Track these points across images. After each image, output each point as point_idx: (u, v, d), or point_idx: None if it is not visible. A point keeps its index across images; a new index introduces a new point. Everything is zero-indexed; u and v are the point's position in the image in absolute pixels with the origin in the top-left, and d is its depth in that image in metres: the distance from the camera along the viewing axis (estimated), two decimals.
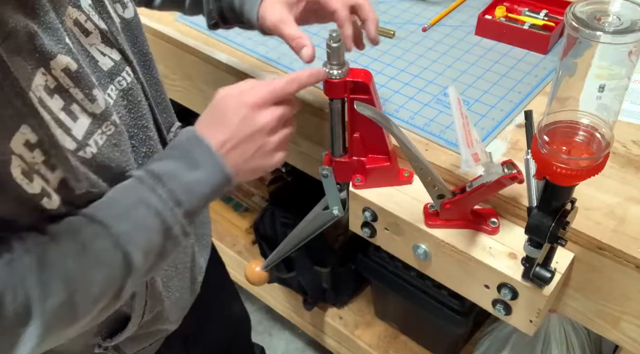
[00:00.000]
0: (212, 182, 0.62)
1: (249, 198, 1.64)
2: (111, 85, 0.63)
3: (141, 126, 0.68)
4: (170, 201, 0.59)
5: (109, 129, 0.60)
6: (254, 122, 0.65)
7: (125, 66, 0.65)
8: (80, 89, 0.56)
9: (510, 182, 0.67)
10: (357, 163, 0.79)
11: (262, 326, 1.77)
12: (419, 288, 1.24)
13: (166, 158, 0.62)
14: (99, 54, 0.62)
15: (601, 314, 0.74)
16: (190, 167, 0.61)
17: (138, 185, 0.60)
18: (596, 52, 0.50)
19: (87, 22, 0.60)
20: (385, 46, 1.01)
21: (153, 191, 0.59)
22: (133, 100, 0.66)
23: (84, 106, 0.57)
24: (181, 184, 0.60)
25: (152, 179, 0.60)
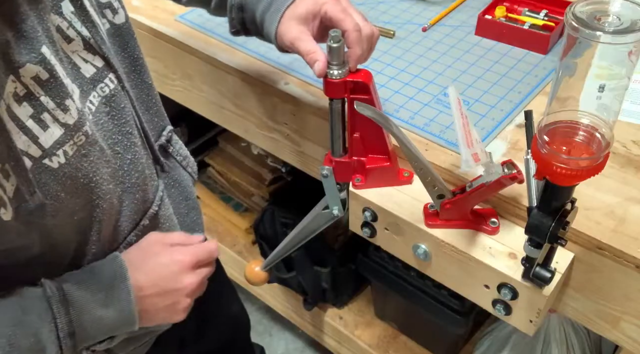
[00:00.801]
0: (117, 322, 0.65)
1: (249, 198, 1.64)
2: (93, 91, 0.63)
3: (125, 132, 0.68)
4: (62, 331, 0.60)
5: (80, 140, 0.60)
6: (179, 281, 0.69)
7: (108, 73, 0.65)
8: (51, 98, 0.56)
9: (510, 182, 0.67)
10: (357, 163, 0.79)
11: (262, 326, 1.77)
12: (419, 288, 1.24)
13: (85, 284, 0.63)
14: (81, 60, 0.62)
15: (601, 314, 0.74)
16: (103, 304, 0.63)
17: (44, 304, 0.60)
18: (596, 52, 0.50)
19: (69, 29, 0.60)
20: (385, 46, 1.01)
21: (53, 318, 0.60)
22: (116, 106, 0.66)
23: (56, 116, 0.57)
24: (85, 318, 0.62)
25: (59, 303, 0.61)
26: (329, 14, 0.70)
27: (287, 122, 0.97)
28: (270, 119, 1.00)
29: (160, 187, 0.77)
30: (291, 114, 0.95)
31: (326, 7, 0.70)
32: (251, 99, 1.00)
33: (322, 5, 0.71)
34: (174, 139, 0.82)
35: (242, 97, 1.02)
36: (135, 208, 0.71)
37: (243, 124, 1.06)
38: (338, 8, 0.70)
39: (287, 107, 0.95)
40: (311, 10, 0.71)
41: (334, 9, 0.70)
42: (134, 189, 0.70)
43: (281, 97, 0.94)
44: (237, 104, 1.04)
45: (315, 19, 0.72)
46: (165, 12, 1.12)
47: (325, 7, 0.70)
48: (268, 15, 0.74)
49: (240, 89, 1.01)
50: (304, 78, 0.95)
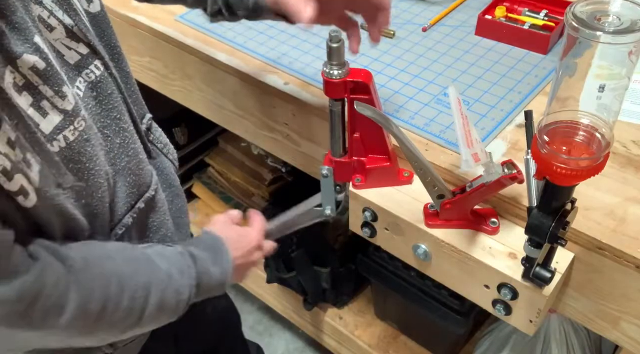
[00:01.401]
0: (219, 279, 0.76)
1: (249, 198, 1.64)
2: (79, 77, 0.65)
3: (113, 117, 0.69)
4: (194, 280, 0.72)
5: (80, 125, 0.62)
6: (254, 255, 0.85)
7: (94, 59, 0.66)
8: (49, 87, 0.58)
9: (510, 182, 0.67)
10: (357, 163, 0.79)
11: (262, 326, 1.77)
12: (419, 288, 1.24)
13: (201, 247, 0.76)
14: (64, 48, 0.63)
15: (601, 314, 0.74)
16: (213, 262, 0.75)
17: (185, 257, 0.72)
18: (596, 52, 0.50)
19: (50, 17, 0.61)
20: (385, 46, 1.01)
21: (189, 267, 0.72)
22: (103, 92, 0.68)
23: (55, 103, 0.58)
24: (205, 270, 0.74)
25: (191, 258, 0.73)
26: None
27: (287, 122, 0.97)
28: (270, 119, 1.00)
29: (154, 172, 0.79)
30: (291, 114, 0.95)
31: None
32: (251, 99, 1.00)
33: None
34: (154, 126, 0.84)
35: (242, 97, 1.02)
36: (128, 191, 0.73)
37: (243, 124, 1.06)
38: None
39: (287, 107, 0.95)
40: None
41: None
42: (125, 172, 0.72)
43: (281, 97, 0.94)
44: (237, 104, 1.04)
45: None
46: (165, 12, 1.12)
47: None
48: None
49: (240, 89, 1.01)
50: (304, 78, 0.95)
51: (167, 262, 0.70)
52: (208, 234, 0.80)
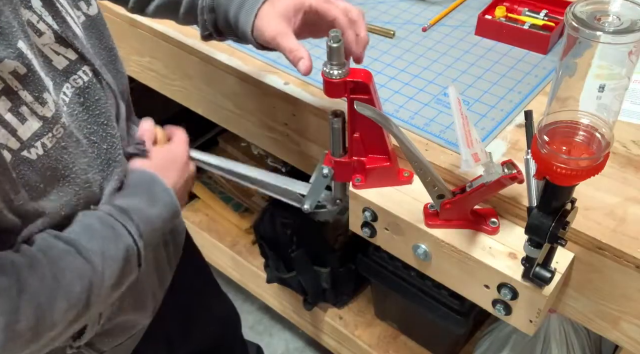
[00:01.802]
0: (167, 216, 0.72)
1: (249, 198, 1.65)
2: (66, 83, 0.65)
3: (100, 123, 0.69)
4: (136, 235, 0.67)
5: (59, 132, 0.61)
6: (189, 167, 0.83)
7: (82, 65, 0.66)
8: (29, 92, 0.57)
9: (510, 182, 0.67)
10: (357, 163, 0.79)
11: (262, 326, 1.77)
12: (419, 288, 1.24)
13: (129, 195, 0.70)
14: (52, 53, 0.63)
15: (601, 314, 0.74)
16: (150, 204, 0.70)
17: (111, 219, 0.66)
18: (596, 52, 0.50)
19: (40, 22, 0.61)
20: (385, 46, 1.01)
21: (123, 226, 0.66)
22: (90, 98, 0.67)
23: (34, 109, 0.58)
24: (144, 218, 0.69)
25: (122, 214, 0.67)
26: (314, 7, 0.69)
27: (287, 122, 0.97)
28: (270, 119, 1.00)
29: None
30: (291, 114, 0.95)
31: (310, 1, 0.69)
32: (251, 99, 1.00)
33: (303, 3, 0.70)
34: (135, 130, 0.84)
35: (242, 97, 1.02)
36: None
37: (243, 124, 1.06)
38: (319, 1, 0.69)
39: (287, 107, 0.95)
40: (293, 6, 0.70)
41: (318, 1, 0.69)
42: (112, 178, 0.71)
43: (281, 97, 0.94)
44: (237, 104, 1.04)
45: (298, 14, 0.71)
46: None
47: (309, 1, 0.69)
48: (243, 12, 0.72)
49: (240, 89, 1.01)
50: (304, 78, 0.95)
51: (98, 240, 0.64)
52: (136, 174, 0.74)
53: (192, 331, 1.05)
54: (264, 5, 0.70)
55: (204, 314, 1.08)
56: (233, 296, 1.83)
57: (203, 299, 1.10)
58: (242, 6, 0.72)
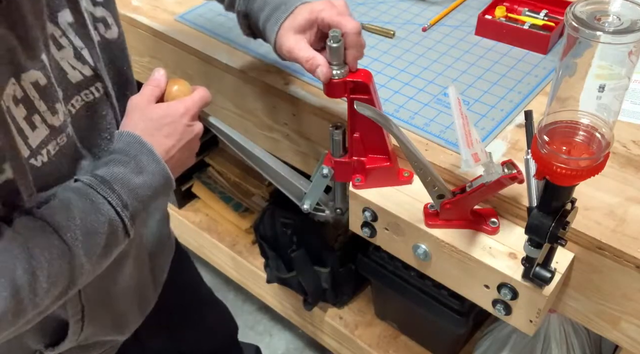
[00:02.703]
0: (155, 185, 0.68)
1: (249, 198, 1.64)
2: (77, 96, 0.66)
3: (103, 137, 0.71)
4: (118, 206, 0.64)
5: (63, 140, 0.63)
6: (192, 130, 0.73)
7: (95, 82, 0.68)
8: (44, 102, 0.59)
9: (510, 182, 0.67)
10: (357, 163, 0.79)
11: (262, 326, 1.77)
12: (419, 288, 1.24)
13: (112, 163, 0.66)
14: (69, 67, 0.65)
15: (601, 314, 0.74)
16: (136, 172, 0.66)
17: (89, 190, 0.63)
18: (596, 52, 0.50)
19: (62, 37, 0.63)
20: (385, 46, 1.01)
21: (104, 198, 0.63)
22: (97, 112, 0.69)
23: (45, 118, 0.60)
24: (128, 188, 0.65)
25: (101, 184, 0.63)
26: (326, 20, 0.71)
27: (287, 122, 0.97)
28: (270, 119, 1.00)
29: None
30: (291, 114, 0.95)
31: (322, 14, 0.71)
32: (251, 99, 1.00)
33: (318, 12, 0.71)
34: None
35: (242, 97, 1.02)
36: None
37: (243, 124, 1.06)
38: (334, 12, 0.70)
39: (287, 107, 0.95)
40: (307, 19, 0.72)
41: (330, 13, 0.70)
42: None
43: (281, 97, 0.94)
44: (237, 104, 1.04)
45: (313, 28, 0.73)
46: (165, 12, 1.12)
47: (321, 14, 0.71)
48: (268, 26, 0.75)
49: (240, 89, 1.01)
50: (304, 78, 0.95)
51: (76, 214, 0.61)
52: (122, 138, 0.68)
53: (183, 342, 1.05)
54: (285, 21, 0.73)
55: (196, 324, 1.08)
56: (233, 296, 1.83)
57: (194, 307, 1.09)
58: (268, 19, 0.75)
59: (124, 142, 0.67)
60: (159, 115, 0.70)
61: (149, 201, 0.68)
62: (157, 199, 0.69)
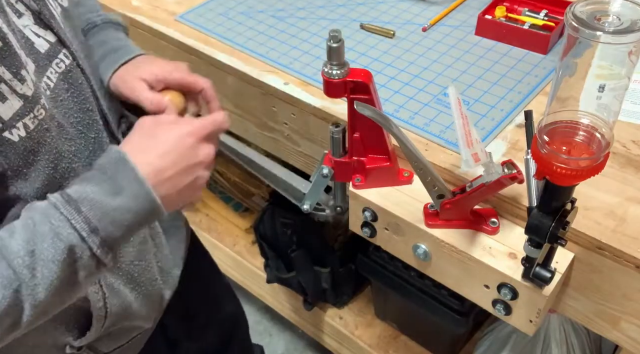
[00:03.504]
0: (136, 209, 0.59)
1: (249, 198, 1.64)
2: (50, 68, 0.62)
3: (85, 109, 0.67)
4: (84, 231, 0.56)
5: (40, 113, 0.58)
6: (196, 154, 0.64)
7: (61, 48, 0.65)
8: (7, 68, 0.55)
9: (510, 182, 0.67)
10: (357, 163, 0.79)
11: (262, 326, 1.77)
12: (419, 288, 1.24)
13: (87, 181, 0.59)
14: (33, 35, 0.61)
15: (601, 314, 0.74)
16: (112, 193, 0.58)
17: (52, 211, 0.56)
18: (596, 52, 0.50)
19: (18, 2, 0.60)
20: (385, 46, 1.01)
21: (67, 220, 0.56)
22: (74, 82, 0.65)
23: (13, 87, 0.55)
24: (100, 210, 0.57)
25: (67, 205, 0.56)
26: (178, 80, 0.75)
27: (287, 122, 0.97)
28: (270, 119, 1.00)
29: None
30: (291, 114, 0.95)
31: (175, 75, 0.75)
32: (251, 99, 1.00)
33: (169, 73, 0.74)
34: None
35: (242, 97, 1.02)
36: None
37: (243, 124, 1.06)
38: (184, 73, 0.76)
39: (287, 107, 0.95)
40: (155, 74, 0.74)
41: (182, 75, 0.75)
42: None
43: (281, 97, 0.94)
44: (237, 104, 1.04)
45: (159, 84, 0.75)
46: (165, 12, 1.12)
47: (173, 74, 0.75)
48: (104, 65, 0.77)
49: (240, 89, 1.01)
50: (304, 78, 0.95)
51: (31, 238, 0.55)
52: (106, 155, 0.61)
53: (196, 333, 1.05)
54: (128, 66, 0.75)
55: (211, 316, 1.08)
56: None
57: (209, 299, 1.09)
58: (104, 58, 0.77)
59: (105, 158, 0.60)
60: (159, 132, 0.64)
61: (132, 227, 0.59)
62: (142, 225, 0.61)
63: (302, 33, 1.05)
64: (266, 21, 1.08)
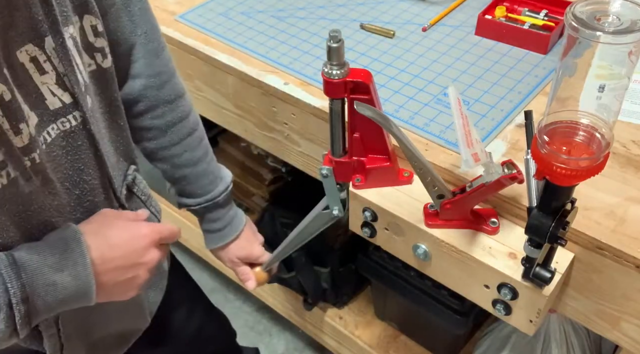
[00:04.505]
0: (70, 289, 0.60)
1: (249, 198, 1.64)
2: (53, 124, 0.64)
3: (77, 168, 0.68)
4: (15, 297, 0.56)
5: (25, 164, 0.59)
6: (144, 255, 0.67)
7: (74, 111, 0.65)
8: (7, 119, 0.56)
9: (510, 182, 0.67)
10: (357, 163, 0.79)
11: (262, 326, 1.77)
12: (419, 288, 1.24)
13: (35, 249, 0.60)
14: (49, 93, 0.63)
15: (601, 314, 0.74)
16: (57, 268, 0.59)
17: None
18: (596, 52, 0.50)
19: (46, 62, 0.61)
20: (385, 46, 1.01)
21: (3, 283, 0.56)
22: (73, 143, 0.66)
23: (7, 137, 0.57)
24: (38, 283, 0.58)
25: (9, 267, 0.57)
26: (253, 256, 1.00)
27: (287, 122, 0.97)
28: (270, 119, 1.00)
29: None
30: (291, 114, 0.95)
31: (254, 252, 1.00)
32: (251, 99, 1.00)
33: (246, 258, 0.99)
34: (138, 178, 0.82)
35: (242, 97, 1.02)
36: None
37: (243, 124, 1.06)
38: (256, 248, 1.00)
39: (287, 107, 0.95)
40: (243, 257, 0.99)
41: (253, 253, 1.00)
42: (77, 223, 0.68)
43: (281, 97, 0.94)
44: (237, 104, 1.04)
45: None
46: (165, 12, 1.12)
47: (254, 252, 1.00)
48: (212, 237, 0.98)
49: (240, 89, 1.01)
50: (304, 78, 0.95)
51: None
52: (62, 230, 0.63)
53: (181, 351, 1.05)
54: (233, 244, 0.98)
55: (194, 336, 1.07)
56: (233, 296, 1.83)
57: (192, 321, 1.08)
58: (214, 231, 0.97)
59: (61, 234, 0.62)
60: (118, 224, 0.67)
61: (56, 306, 0.60)
62: (65, 307, 0.61)
63: (302, 33, 1.05)
64: (266, 21, 1.08)
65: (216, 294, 1.81)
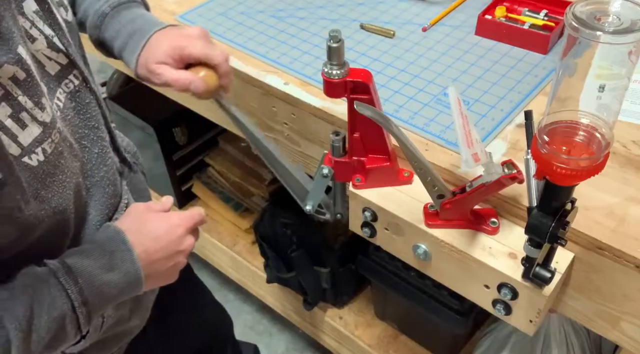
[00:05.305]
0: (123, 286, 0.65)
1: (249, 198, 1.64)
2: (59, 88, 0.64)
3: (91, 126, 0.69)
4: (77, 301, 0.61)
5: (56, 137, 0.61)
6: (181, 243, 0.72)
7: (72, 69, 0.66)
8: (29, 98, 0.57)
9: (510, 182, 0.67)
10: (357, 163, 0.79)
11: (262, 326, 1.77)
12: (419, 288, 1.24)
13: (85, 253, 0.64)
14: (45, 58, 0.63)
15: (601, 314, 0.74)
16: (107, 268, 0.64)
17: (51, 278, 0.61)
18: (596, 52, 0.50)
19: (32, 28, 0.61)
20: (385, 46, 1.01)
21: (64, 289, 0.60)
22: (81, 101, 0.67)
23: (34, 115, 0.58)
24: (93, 284, 0.62)
25: (65, 275, 0.61)
26: (194, 55, 0.73)
27: (287, 122, 0.97)
28: (270, 119, 1.00)
29: (124, 182, 0.79)
30: (291, 114, 0.95)
31: (189, 50, 0.73)
32: (251, 99, 1.00)
33: (182, 49, 0.73)
34: (119, 134, 0.83)
35: (242, 97, 1.02)
36: (106, 202, 0.72)
37: None
38: (199, 46, 0.73)
39: (287, 107, 0.95)
40: (170, 55, 0.74)
41: (196, 48, 0.73)
42: (103, 183, 0.71)
43: (281, 97, 0.94)
44: (237, 104, 1.04)
45: (176, 61, 0.74)
46: (165, 12, 1.12)
47: (187, 50, 0.73)
48: (125, 55, 0.78)
49: (240, 89, 1.01)
50: (304, 78, 0.95)
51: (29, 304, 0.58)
52: (105, 232, 0.68)
53: (179, 339, 1.05)
54: (145, 52, 0.75)
55: (191, 323, 1.07)
56: (233, 296, 1.83)
57: (191, 306, 1.09)
58: (123, 48, 0.77)
59: (105, 235, 0.67)
60: (152, 218, 0.70)
61: (111, 301, 0.66)
62: (120, 299, 0.67)
63: (302, 33, 1.05)
64: (266, 21, 1.08)
65: (216, 294, 1.80)
